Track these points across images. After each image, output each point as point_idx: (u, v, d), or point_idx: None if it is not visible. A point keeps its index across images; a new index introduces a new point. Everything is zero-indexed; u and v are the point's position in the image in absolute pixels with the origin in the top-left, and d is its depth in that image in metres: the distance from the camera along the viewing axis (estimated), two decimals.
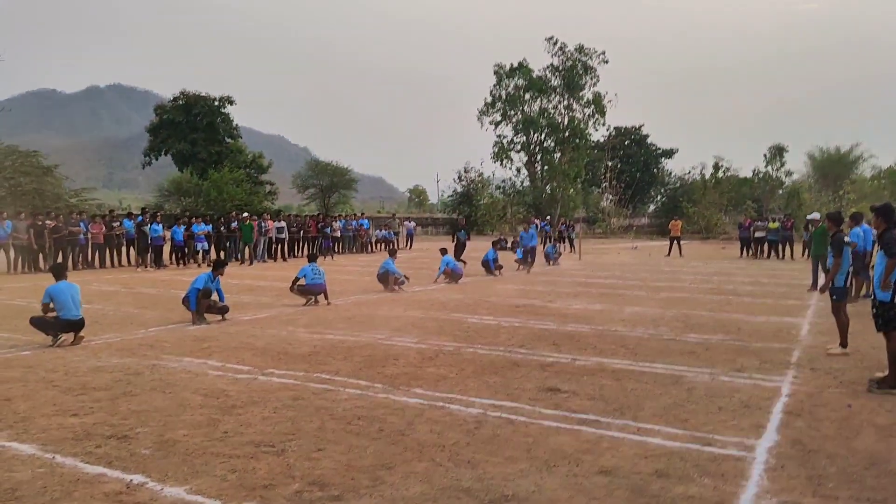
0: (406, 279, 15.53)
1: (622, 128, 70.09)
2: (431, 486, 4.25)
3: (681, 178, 65.41)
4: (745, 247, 28.62)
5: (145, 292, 15.14)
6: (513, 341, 9.18)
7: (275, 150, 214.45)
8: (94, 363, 7.78)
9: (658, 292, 15.11)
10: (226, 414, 5.76)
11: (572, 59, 58.37)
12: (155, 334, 9.75)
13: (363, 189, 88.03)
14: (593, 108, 59.46)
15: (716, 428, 5.44)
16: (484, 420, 5.62)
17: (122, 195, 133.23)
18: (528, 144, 60.61)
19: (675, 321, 10.97)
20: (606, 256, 29.46)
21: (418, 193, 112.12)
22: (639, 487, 4.24)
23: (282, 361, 7.90)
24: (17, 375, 7.18)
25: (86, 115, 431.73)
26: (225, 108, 53.93)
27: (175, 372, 7.34)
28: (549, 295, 14.59)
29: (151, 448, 4.90)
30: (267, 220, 26.69)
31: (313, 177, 58.82)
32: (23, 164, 34.75)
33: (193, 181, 44.69)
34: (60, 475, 4.40)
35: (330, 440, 5.09)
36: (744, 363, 7.86)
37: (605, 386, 6.79)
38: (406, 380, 7.00)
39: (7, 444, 5.00)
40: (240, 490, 4.17)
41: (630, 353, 8.40)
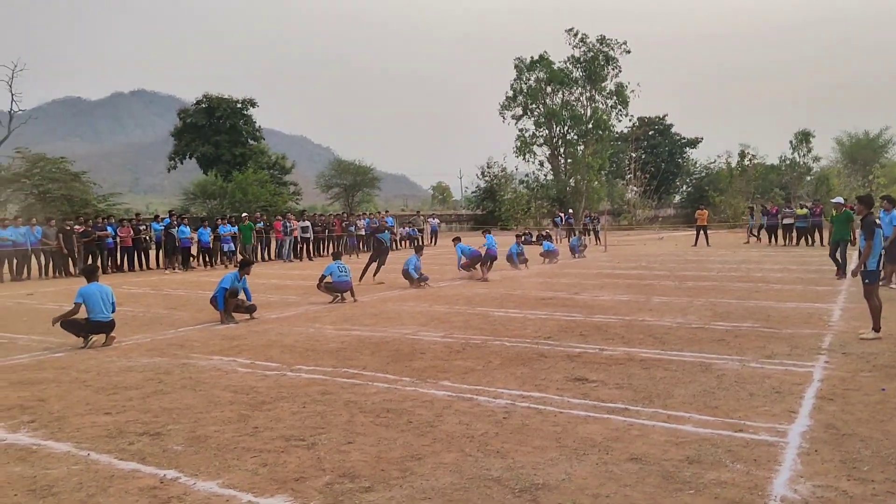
0: (426, 279, 15.38)
1: (646, 118, 69.50)
2: (461, 476, 4.25)
3: (706, 167, 64.85)
4: (772, 234, 28.29)
5: (173, 293, 15.33)
6: (539, 333, 9.15)
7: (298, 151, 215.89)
8: (125, 363, 7.88)
9: (685, 281, 14.97)
10: (255, 409, 5.81)
11: (594, 51, 57.99)
12: (184, 334, 9.86)
13: (386, 187, 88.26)
14: (616, 98, 59.06)
15: (747, 414, 5.38)
16: (512, 410, 5.61)
17: (148, 199, 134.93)
18: (551, 137, 60.34)
19: (703, 310, 10.86)
20: (632, 248, 29.25)
21: (441, 190, 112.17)
22: (670, 474, 4.20)
23: (310, 358, 7.95)
24: (51, 376, 7.30)
25: (111, 122, 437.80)
26: (248, 110, 54.34)
27: (205, 370, 7.41)
28: (575, 287, 14.52)
29: (183, 444, 4.96)
30: (291, 219, 26.87)
31: (336, 176, 59.13)
32: (51, 170, 35.34)
33: (218, 183, 45.09)
34: (95, 471, 4.47)
35: (359, 433, 5.11)
36: (774, 350, 7.76)
37: (634, 375, 6.74)
38: (433, 373, 7.01)
39: (43, 442, 5.09)
40: (271, 483, 4.20)
41: (658, 343, 8.33)
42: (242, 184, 43.18)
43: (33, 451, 4.88)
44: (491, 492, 4.00)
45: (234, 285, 10.92)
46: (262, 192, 43.36)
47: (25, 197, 35.02)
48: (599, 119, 58.24)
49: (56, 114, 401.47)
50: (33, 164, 35.56)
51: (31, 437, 5.22)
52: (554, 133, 60.23)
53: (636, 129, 66.57)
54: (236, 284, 10.96)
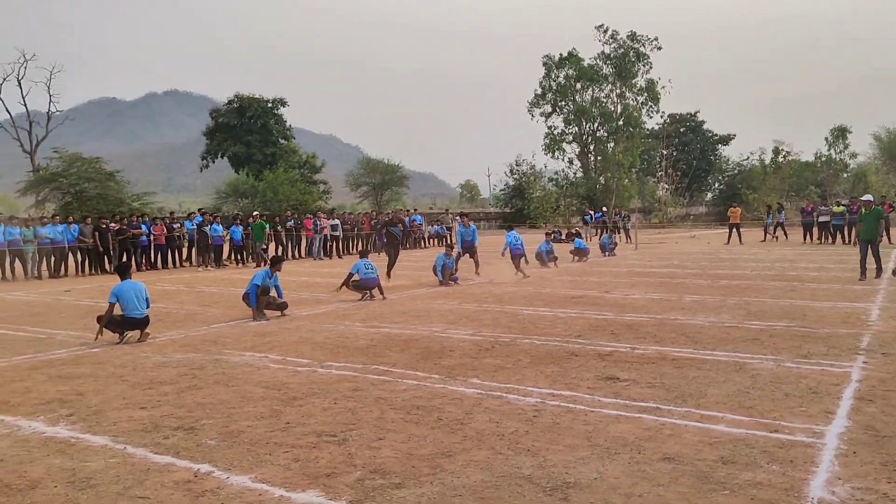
0: (455, 279, 15.43)
1: (677, 115, 68.78)
2: (492, 473, 4.24)
3: (739, 164, 63.92)
4: (808, 232, 27.84)
5: (206, 291, 15.52)
6: (570, 332, 9.10)
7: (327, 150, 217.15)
8: (159, 359, 8.00)
9: (718, 280, 14.78)
10: (287, 405, 5.86)
11: (624, 47, 57.51)
12: (217, 330, 9.98)
13: (414, 186, 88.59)
14: (647, 95, 58.53)
15: (782, 414, 5.29)
16: (542, 409, 5.58)
17: (181, 198, 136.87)
18: (581, 135, 60.01)
19: (736, 308, 10.72)
20: (663, 246, 28.96)
21: (470, 188, 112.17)
22: (704, 474, 4.15)
23: (340, 354, 8.00)
24: (88, 371, 7.44)
25: (145, 122, 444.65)
26: (278, 109, 54.84)
27: (237, 366, 7.50)
28: (606, 285, 14.42)
29: (217, 438, 5.02)
30: (321, 218, 27.06)
31: (365, 175, 59.40)
32: (87, 170, 35.96)
33: (249, 182, 45.56)
34: (132, 464, 4.54)
35: (389, 429, 5.13)
36: (810, 349, 7.63)
37: (666, 374, 6.67)
38: (463, 370, 7.01)
39: (81, 435, 5.18)
40: (303, 478, 4.24)
41: (690, 342, 8.24)
42: (273, 183, 43.59)
43: (72, 444, 4.98)
44: (522, 490, 3.99)
45: (266, 282, 11.02)
46: (292, 190, 43.72)
47: (62, 196, 35.70)
48: (630, 116, 57.76)
49: (92, 114, 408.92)
50: (70, 164, 36.24)
51: (70, 430, 5.32)
52: (583, 130, 59.88)
53: (667, 125, 65.85)
54: (267, 282, 11.06)
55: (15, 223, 19.84)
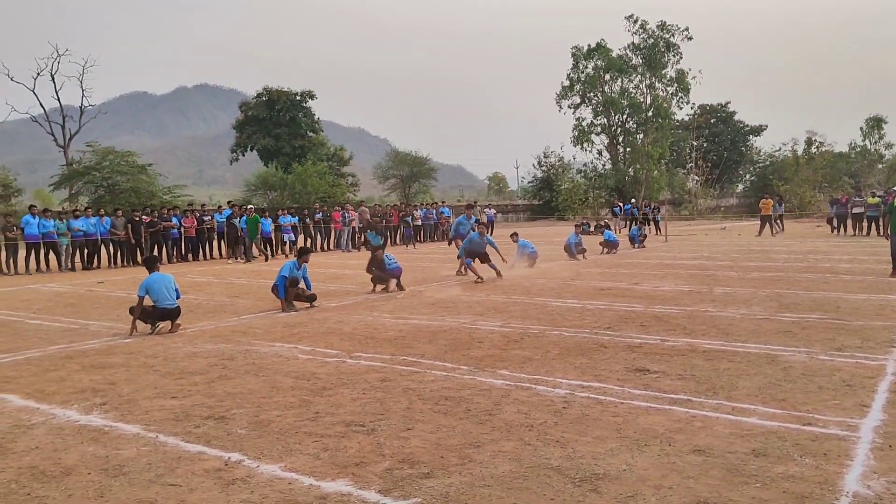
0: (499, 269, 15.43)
1: (707, 105, 67.88)
2: (521, 464, 4.23)
3: (771, 155, 62.94)
4: (841, 224, 27.35)
5: (236, 282, 15.68)
6: (599, 323, 9.04)
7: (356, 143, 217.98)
8: (190, 349, 8.10)
9: (749, 272, 14.58)
10: (316, 395, 5.89)
11: (654, 37, 56.86)
12: (247, 321, 10.07)
13: (442, 178, 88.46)
14: (677, 86, 57.89)
15: (816, 407, 5.20)
16: (571, 400, 5.55)
17: (211, 191, 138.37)
18: (609, 126, 59.52)
19: (768, 301, 10.56)
20: (694, 238, 28.65)
21: (498, 180, 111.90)
22: (735, 467, 4.09)
23: (368, 345, 8.03)
24: (121, 361, 7.55)
25: (175, 116, 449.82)
26: (307, 102, 55.15)
27: (267, 356, 7.56)
28: (635, 277, 14.30)
29: (247, 428, 5.07)
30: (350, 210, 27.18)
31: (393, 167, 59.55)
32: (119, 163, 36.51)
33: (279, 175, 45.93)
34: (164, 453, 4.60)
35: (418, 420, 5.14)
36: (844, 342, 7.49)
37: (696, 366, 6.59)
38: (491, 362, 7.00)
39: (114, 424, 5.27)
40: (332, 467, 4.26)
41: (721, 334, 8.13)
42: (302, 175, 43.89)
43: (105, 433, 5.06)
44: (551, 480, 3.97)
45: (294, 274, 11.09)
46: (321, 183, 44.00)
47: (95, 189, 36.30)
48: (659, 107, 57.15)
49: (124, 108, 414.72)
50: (103, 157, 36.81)
51: (103, 418, 5.41)
52: (612, 122, 59.39)
53: (697, 117, 65.09)
54: (295, 273, 11.13)
55: (49, 216, 20.21)
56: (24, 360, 7.72)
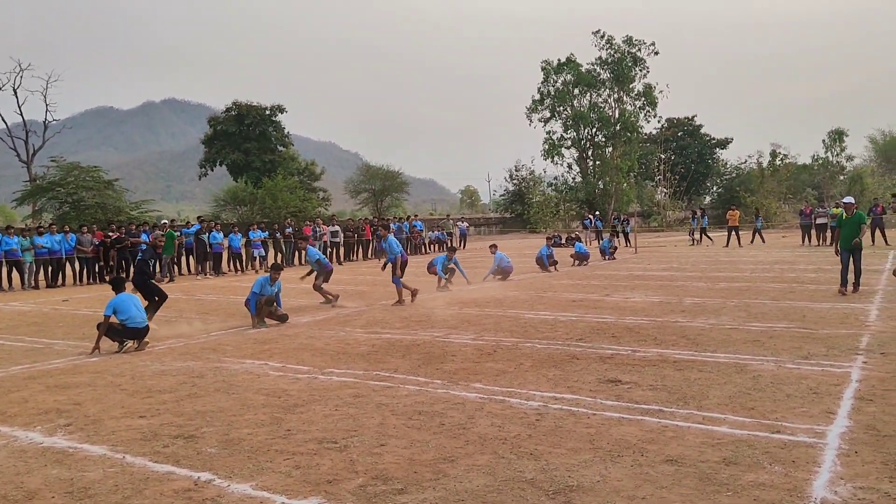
0: (448, 283, 15.56)
1: (675, 119, 68.80)
2: (495, 478, 4.21)
3: (737, 167, 63.97)
4: (806, 234, 27.87)
5: (205, 298, 15.48)
6: (571, 335, 9.08)
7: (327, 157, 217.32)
8: (158, 367, 7.97)
9: (718, 282, 14.77)
10: (288, 412, 5.82)
11: (621, 52, 57.62)
12: (216, 338, 9.95)
13: (415, 192, 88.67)
14: (644, 100, 58.62)
15: (784, 415, 5.27)
16: (545, 412, 5.56)
17: (180, 206, 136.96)
18: (579, 140, 60.07)
19: (736, 310, 10.70)
20: (663, 249, 28.97)
21: (470, 194, 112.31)
22: (707, 475, 4.12)
23: (341, 361, 7.97)
24: (86, 380, 7.40)
25: (143, 131, 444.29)
26: (276, 116, 54.84)
27: (237, 373, 7.46)
28: (606, 289, 14.40)
29: (217, 447, 4.99)
30: (321, 225, 27.05)
31: (365, 181, 59.41)
32: (85, 179, 35.91)
33: (248, 190, 45.52)
34: (131, 474, 4.50)
35: (391, 435, 5.10)
36: (810, 350, 7.60)
37: (667, 376, 6.64)
38: (465, 375, 6.98)
39: (79, 445, 5.15)
40: (304, 485, 4.20)
41: (691, 344, 8.22)
42: (272, 190, 43.56)
43: (70, 454, 4.94)
44: (525, 493, 3.96)
45: (266, 291, 10.98)
46: (291, 198, 43.69)
47: (60, 205, 35.64)
48: (627, 121, 57.86)
49: (90, 124, 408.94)
50: (67, 173, 36.19)
51: (68, 440, 5.29)
52: (582, 135, 59.94)
53: (665, 130, 65.95)
54: (268, 289, 11.02)
55: (12, 233, 19.80)
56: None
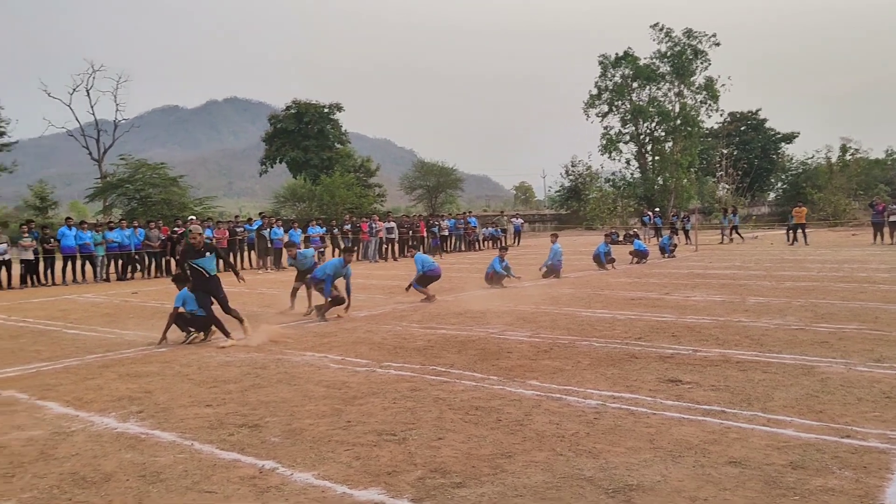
0: (517, 277, 15.55)
1: (738, 113, 67.09)
2: (553, 474, 4.21)
3: (803, 162, 61.93)
4: (878, 232, 26.83)
5: (267, 292, 15.83)
6: (629, 334, 8.98)
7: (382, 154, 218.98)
8: (223, 358, 8.20)
9: (783, 282, 14.37)
10: (348, 404, 5.93)
11: (680, 45, 56.48)
12: (278, 330, 10.14)
13: (469, 188, 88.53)
14: (705, 93, 57.33)
15: (855, 419, 5.11)
16: (603, 411, 5.52)
17: (241, 203, 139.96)
18: (638, 135, 59.16)
19: (803, 311, 10.40)
20: (725, 247, 28.32)
21: (524, 190, 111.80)
22: (772, 479, 4.04)
23: (398, 355, 8.06)
24: (156, 370, 7.66)
25: (206, 129, 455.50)
26: (334, 114, 55.62)
27: (298, 365, 7.62)
28: (666, 287, 14.17)
29: (280, 436, 5.11)
30: (377, 221, 27.33)
31: (420, 178, 59.79)
32: (151, 176, 37.10)
33: (307, 187, 46.34)
34: (199, 460, 4.66)
35: (449, 429, 5.14)
36: (883, 353, 7.34)
37: (730, 377, 6.51)
38: (521, 372, 6.98)
39: (150, 431, 5.35)
40: (364, 476, 4.28)
41: (755, 344, 8.03)
42: (330, 187, 44.23)
43: (142, 440, 5.14)
44: (584, 491, 3.95)
45: (339, 272, 11.12)
46: (348, 194, 44.29)
47: (129, 201, 36.90)
48: (688, 115, 56.68)
49: (156, 122, 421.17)
50: (135, 170, 37.44)
51: (140, 426, 5.49)
52: (641, 130, 59.03)
53: (727, 124, 64.38)
54: (340, 271, 11.15)
55: (85, 228, 20.60)
56: (62, 369, 7.87)
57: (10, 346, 9.55)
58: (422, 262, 13.18)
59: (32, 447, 5.05)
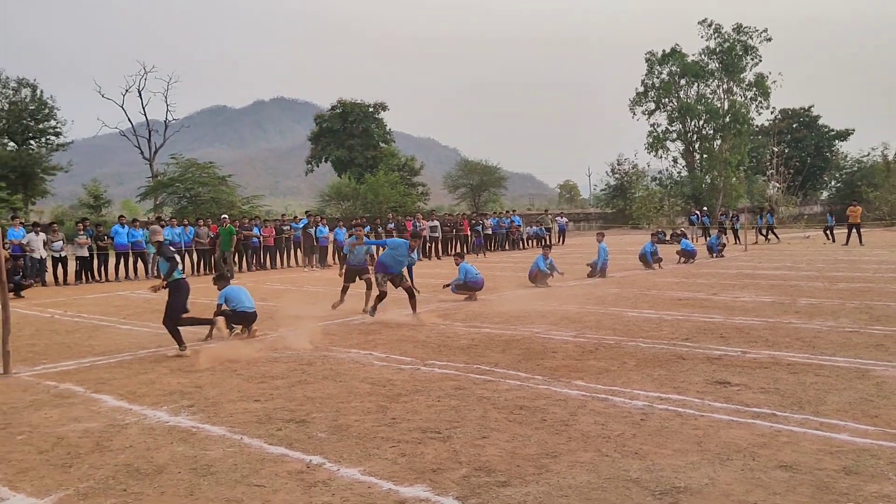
0: (561, 273, 15.50)
1: (789, 110, 65.55)
2: (598, 475, 4.19)
3: (858, 160, 60.25)
4: None
5: (312, 290, 16.02)
6: (676, 334, 8.86)
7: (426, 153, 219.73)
8: (271, 354, 8.33)
9: (836, 283, 14.01)
10: (393, 401, 5.98)
11: (730, 41, 55.42)
12: (324, 328, 10.28)
13: (512, 186, 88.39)
14: (755, 90, 56.16)
15: None
16: (650, 412, 5.46)
17: (287, 201, 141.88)
18: (685, 132, 58.26)
19: (857, 312, 10.13)
20: (775, 247, 27.72)
21: (569, 188, 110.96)
22: (824, 484, 3.95)
23: (442, 353, 8.09)
24: (206, 365, 7.82)
25: (253, 128, 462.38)
26: (379, 113, 55.97)
27: (344, 362, 7.71)
28: (714, 287, 13.94)
29: (327, 432, 5.18)
30: (420, 219, 27.45)
31: (463, 176, 59.86)
32: (201, 175, 37.86)
33: (352, 185, 46.75)
34: (248, 454, 4.75)
35: (493, 428, 5.15)
36: None
37: (780, 379, 6.38)
38: (566, 372, 6.95)
39: (201, 425, 5.47)
40: (410, 473, 4.31)
41: (807, 346, 7.85)
42: (374, 185, 44.54)
43: (193, 433, 5.26)
44: (630, 492, 3.92)
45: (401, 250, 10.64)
46: (392, 193, 44.54)
47: (179, 199, 37.70)
48: (737, 112, 55.57)
49: (205, 122, 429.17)
50: (185, 169, 38.23)
51: (191, 420, 5.63)
52: (688, 128, 58.11)
53: (778, 122, 62.94)
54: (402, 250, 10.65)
55: (137, 226, 21.13)
56: (116, 364, 8.10)
57: (67, 341, 9.86)
58: (465, 272, 13.21)
59: (88, 439, 5.21)
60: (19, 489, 4.26)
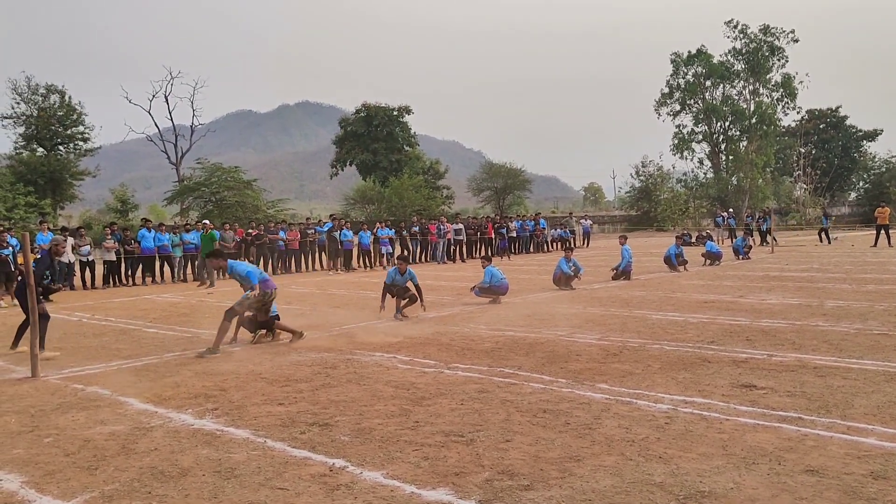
0: (582, 271, 15.47)
1: (816, 111, 64.68)
2: (622, 479, 4.16)
3: (887, 161, 59.30)
4: None
5: (337, 293, 16.11)
6: (702, 337, 8.78)
7: (450, 156, 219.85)
8: (295, 357, 8.39)
9: (864, 285, 13.79)
10: (416, 405, 5.99)
11: (756, 41, 54.85)
12: (348, 331, 10.33)
13: (537, 189, 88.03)
14: (782, 91, 55.55)
15: None
16: (674, 416, 5.42)
17: (312, 205, 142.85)
18: (711, 134, 57.79)
19: (886, 315, 9.96)
20: (802, 249, 27.35)
21: (594, 191, 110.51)
22: (852, 489, 3.89)
23: (465, 356, 8.09)
24: (230, 368, 7.90)
25: (278, 132, 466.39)
26: (403, 117, 56.18)
27: (367, 365, 7.74)
28: (740, 290, 13.79)
29: (350, 435, 5.21)
30: (445, 222, 27.48)
31: (488, 179, 59.81)
32: (226, 179, 38.22)
33: (376, 189, 46.96)
34: (272, 457, 4.79)
35: (517, 432, 5.14)
36: None
37: (807, 383, 6.30)
38: (590, 375, 6.91)
39: (225, 428, 5.52)
40: (433, 476, 4.32)
41: (834, 349, 7.74)
42: (399, 189, 44.72)
43: (217, 436, 5.31)
44: (654, 497, 3.89)
45: (395, 279, 11.51)
46: (416, 196, 44.68)
47: (205, 203, 38.08)
48: (764, 113, 55.02)
49: (230, 126, 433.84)
50: (211, 174, 38.63)
51: (215, 423, 5.68)
52: (714, 129, 57.65)
53: (805, 122, 62.14)
54: (398, 279, 11.51)
55: (164, 230, 21.40)
56: (142, 367, 8.20)
57: (94, 344, 10.02)
58: (491, 275, 13.21)
59: (114, 441, 5.28)
60: (46, 491, 4.33)
